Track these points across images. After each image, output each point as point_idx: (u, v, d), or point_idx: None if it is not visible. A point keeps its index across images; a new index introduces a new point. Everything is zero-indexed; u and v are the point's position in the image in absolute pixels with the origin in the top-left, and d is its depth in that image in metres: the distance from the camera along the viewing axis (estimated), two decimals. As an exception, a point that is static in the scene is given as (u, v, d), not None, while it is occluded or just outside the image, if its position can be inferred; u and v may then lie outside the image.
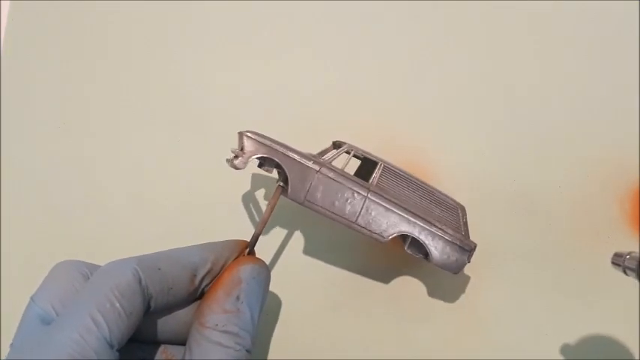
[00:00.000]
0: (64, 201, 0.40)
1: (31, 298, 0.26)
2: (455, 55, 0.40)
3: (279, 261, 0.38)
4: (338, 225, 0.32)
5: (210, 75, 0.42)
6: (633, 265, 0.25)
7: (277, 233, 0.38)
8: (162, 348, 0.29)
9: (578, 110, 0.39)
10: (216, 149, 0.39)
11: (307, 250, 0.38)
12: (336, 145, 0.37)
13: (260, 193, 0.39)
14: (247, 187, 0.39)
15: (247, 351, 0.27)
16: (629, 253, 0.26)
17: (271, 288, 0.31)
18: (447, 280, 0.37)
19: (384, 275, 0.37)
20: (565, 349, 0.36)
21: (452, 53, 0.40)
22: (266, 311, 0.37)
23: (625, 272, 0.26)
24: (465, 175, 0.39)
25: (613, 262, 0.27)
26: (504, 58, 0.40)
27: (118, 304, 0.25)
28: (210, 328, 0.27)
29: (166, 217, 0.39)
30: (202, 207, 0.39)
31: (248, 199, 0.39)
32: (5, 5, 0.44)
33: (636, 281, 0.25)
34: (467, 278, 0.37)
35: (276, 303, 0.37)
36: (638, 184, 0.37)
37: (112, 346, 0.24)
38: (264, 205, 0.39)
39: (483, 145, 0.39)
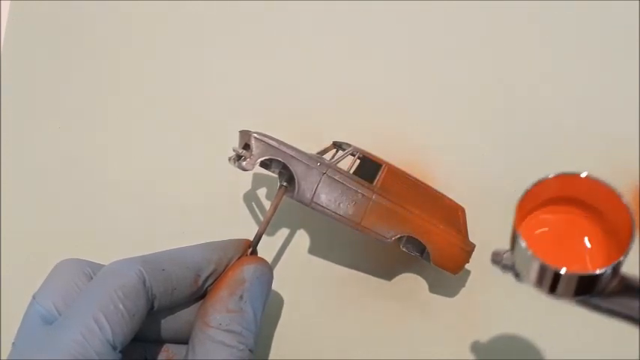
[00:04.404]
0: (64, 201, 0.40)
1: (33, 297, 0.26)
2: (455, 55, 0.40)
3: (281, 260, 0.38)
4: (340, 225, 0.32)
5: (209, 74, 0.42)
6: (510, 263, 0.25)
7: (278, 232, 0.38)
8: (164, 347, 0.30)
9: (578, 110, 0.39)
10: (217, 148, 0.39)
11: (308, 250, 0.38)
12: (337, 144, 0.37)
13: (261, 192, 0.39)
14: (248, 186, 0.39)
15: (250, 350, 0.27)
16: (505, 252, 0.26)
17: (272, 287, 0.31)
18: (447, 279, 0.37)
19: (386, 274, 0.37)
20: (564, 350, 0.36)
21: (452, 53, 0.40)
22: (267, 310, 0.37)
23: (503, 270, 0.26)
24: (465, 175, 0.39)
25: (492, 261, 0.27)
26: (504, 58, 0.40)
27: (121, 306, 0.24)
28: (214, 328, 0.27)
29: (167, 216, 0.39)
30: (203, 206, 0.39)
31: (249, 198, 0.39)
32: (5, 5, 0.44)
33: None
34: (467, 278, 0.37)
35: (278, 302, 0.37)
36: (638, 184, 0.37)
37: (114, 348, 0.24)
38: (265, 203, 0.39)
39: (483, 145, 0.39)
